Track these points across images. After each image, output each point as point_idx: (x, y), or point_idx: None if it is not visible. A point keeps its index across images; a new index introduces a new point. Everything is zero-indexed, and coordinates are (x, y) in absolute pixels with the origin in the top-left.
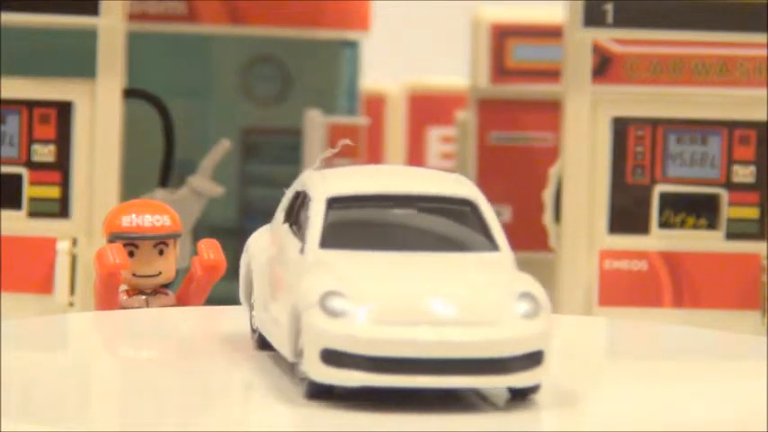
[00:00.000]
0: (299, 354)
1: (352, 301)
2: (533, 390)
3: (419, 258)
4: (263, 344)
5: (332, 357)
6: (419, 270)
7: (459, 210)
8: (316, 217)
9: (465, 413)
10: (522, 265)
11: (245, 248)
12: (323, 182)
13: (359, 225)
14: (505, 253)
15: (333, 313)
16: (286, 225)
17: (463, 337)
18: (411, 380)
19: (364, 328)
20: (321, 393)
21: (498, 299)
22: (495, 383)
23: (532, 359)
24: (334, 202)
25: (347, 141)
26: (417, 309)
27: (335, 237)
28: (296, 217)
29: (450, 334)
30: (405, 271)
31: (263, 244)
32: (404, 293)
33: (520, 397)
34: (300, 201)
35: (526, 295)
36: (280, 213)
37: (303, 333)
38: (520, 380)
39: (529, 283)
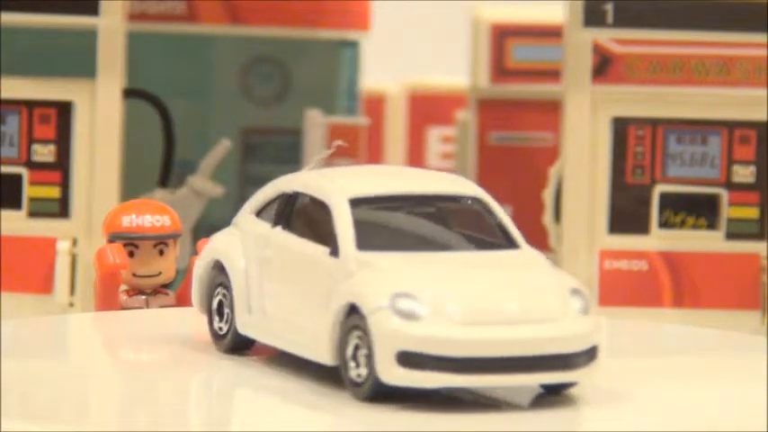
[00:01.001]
0: (348, 357)
1: (422, 302)
2: (569, 386)
3: (459, 257)
4: (235, 348)
5: (408, 359)
6: (469, 269)
7: (473, 209)
8: (342, 219)
9: (498, 413)
10: None
11: (204, 253)
12: (333, 183)
13: (384, 226)
14: (529, 249)
15: (407, 315)
16: (278, 228)
17: (536, 335)
18: (487, 379)
19: (442, 329)
20: (385, 395)
21: (556, 296)
22: (563, 379)
23: (590, 354)
24: (354, 204)
25: (341, 142)
26: (486, 308)
27: (366, 238)
28: (287, 219)
29: (524, 332)
30: (456, 271)
31: (235, 247)
32: (468, 293)
33: (554, 394)
34: (292, 203)
35: (576, 291)
36: (249, 216)
37: (373, 336)
38: (583, 375)
39: (572, 279)
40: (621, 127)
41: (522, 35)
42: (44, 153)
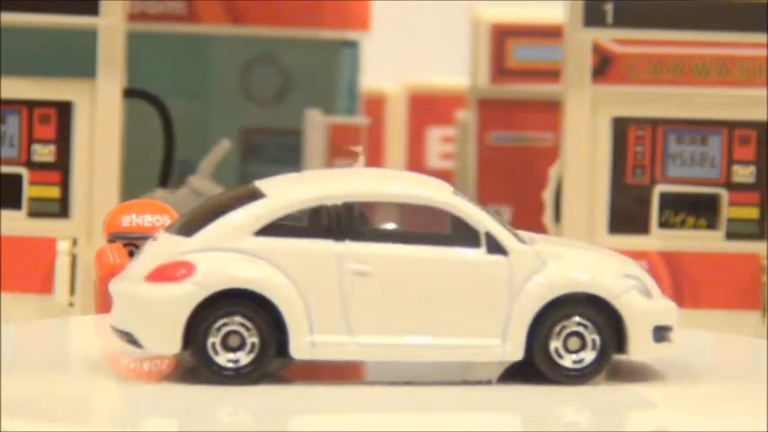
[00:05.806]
0: (558, 347)
1: (642, 280)
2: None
3: (559, 243)
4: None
5: (658, 334)
6: (587, 253)
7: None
8: (483, 216)
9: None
10: None
11: (193, 287)
12: (425, 186)
13: None
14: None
15: (646, 293)
16: (347, 241)
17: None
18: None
19: (667, 301)
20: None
21: None
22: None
23: None
24: None
25: (351, 148)
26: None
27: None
28: (349, 231)
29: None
30: (588, 254)
31: (268, 271)
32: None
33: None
34: (339, 214)
35: None
36: (250, 237)
37: (627, 318)
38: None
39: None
40: (621, 127)
41: (522, 35)
42: (44, 153)
